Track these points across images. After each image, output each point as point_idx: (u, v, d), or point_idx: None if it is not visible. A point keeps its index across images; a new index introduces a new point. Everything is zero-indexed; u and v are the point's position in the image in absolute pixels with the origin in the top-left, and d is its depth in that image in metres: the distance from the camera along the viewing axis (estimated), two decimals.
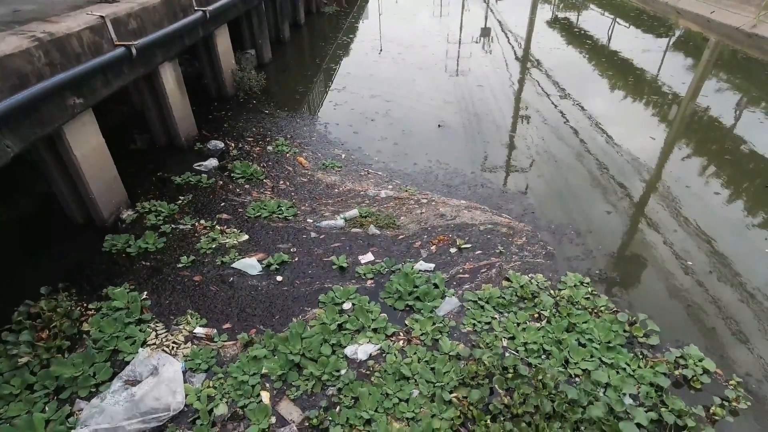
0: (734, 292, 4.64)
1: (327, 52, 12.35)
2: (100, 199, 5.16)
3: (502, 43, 14.00)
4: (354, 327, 4.08)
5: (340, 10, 17.41)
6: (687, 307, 4.47)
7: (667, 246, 5.31)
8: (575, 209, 5.96)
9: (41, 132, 4.10)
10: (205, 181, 6.23)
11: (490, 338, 3.97)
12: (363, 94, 9.75)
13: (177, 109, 6.79)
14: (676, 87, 10.30)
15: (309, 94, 9.71)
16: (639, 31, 15.33)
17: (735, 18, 13.89)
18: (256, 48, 10.52)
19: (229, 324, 4.18)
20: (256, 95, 9.08)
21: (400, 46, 13.22)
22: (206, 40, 8.06)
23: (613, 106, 9.43)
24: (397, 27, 15.72)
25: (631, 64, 11.93)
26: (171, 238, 5.20)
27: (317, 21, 15.79)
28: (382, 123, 8.41)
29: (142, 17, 5.58)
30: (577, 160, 7.22)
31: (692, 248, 5.26)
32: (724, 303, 4.50)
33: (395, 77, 10.74)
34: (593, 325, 4.04)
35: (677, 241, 5.37)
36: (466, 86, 10.22)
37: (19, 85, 3.77)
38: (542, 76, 11.00)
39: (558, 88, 10.14)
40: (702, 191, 6.43)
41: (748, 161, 7.24)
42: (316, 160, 7.03)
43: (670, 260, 5.09)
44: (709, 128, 8.45)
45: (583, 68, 11.77)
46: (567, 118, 8.70)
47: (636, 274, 4.92)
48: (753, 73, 11.37)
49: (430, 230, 5.40)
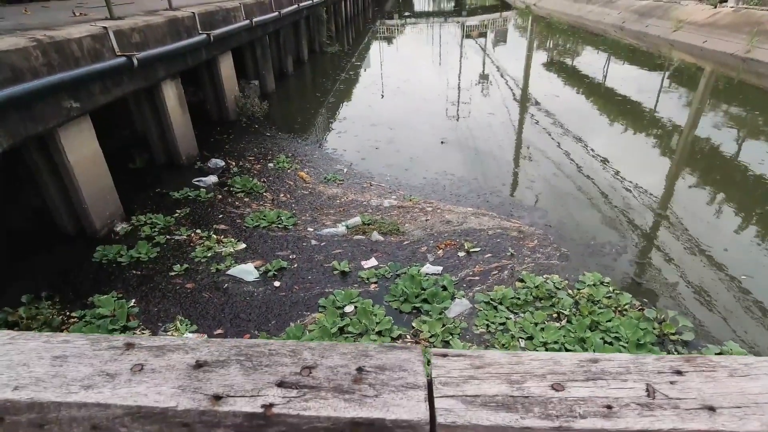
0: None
1: (329, 88, 12.59)
2: (92, 208, 4.99)
3: (501, 86, 13.73)
4: (357, 330, 3.75)
5: (342, 50, 18.06)
6: (720, 305, 4.12)
7: (688, 244, 5.01)
8: (589, 213, 5.72)
9: (32, 129, 3.99)
10: (203, 196, 6.08)
11: (505, 339, 3.62)
12: (365, 133, 9.40)
13: (178, 126, 6.77)
14: (674, 118, 10.02)
15: (311, 120, 9.77)
16: (633, 66, 15.26)
17: (728, 45, 14.22)
18: (259, 78, 10.75)
19: (221, 330, 3.86)
20: (259, 120, 9.14)
21: (403, 92, 12.77)
22: (210, 64, 8.21)
23: (613, 141, 9.29)
24: (399, 73, 15.23)
25: (627, 99, 11.68)
26: (165, 248, 4.97)
27: (320, 59, 16.32)
28: (386, 150, 8.20)
29: (146, 33, 5.66)
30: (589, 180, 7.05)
31: (714, 245, 4.96)
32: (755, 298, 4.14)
33: (398, 118, 10.33)
34: (618, 323, 3.69)
35: (694, 241, 5.08)
36: (466, 124, 10.07)
37: (12, 79, 3.71)
38: (541, 114, 11.06)
39: (558, 125, 10.09)
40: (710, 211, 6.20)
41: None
42: (318, 174, 6.90)
43: (693, 258, 4.78)
44: (707, 153, 8.34)
45: (580, 106, 11.45)
46: (569, 155, 8.64)
47: (661, 275, 4.59)
48: (750, 98, 11.43)
49: (436, 236, 5.15)
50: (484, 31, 25.73)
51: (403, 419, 0.56)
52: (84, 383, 0.59)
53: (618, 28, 21.05)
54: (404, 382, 0.61)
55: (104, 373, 0.60)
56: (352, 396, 0.59)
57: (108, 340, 0.65)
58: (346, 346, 0.67)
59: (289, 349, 0.66)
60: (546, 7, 31.27)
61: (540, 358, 0.65)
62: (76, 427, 0.58)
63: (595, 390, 0.60)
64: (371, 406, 0.58)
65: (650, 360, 0.65)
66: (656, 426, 0.55)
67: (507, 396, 0.59)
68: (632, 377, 0.62)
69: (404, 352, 0.66)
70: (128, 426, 0.57)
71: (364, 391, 0.60)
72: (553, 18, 27.65)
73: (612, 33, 20.75)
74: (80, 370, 0.61)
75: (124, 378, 0.60)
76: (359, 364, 0.64)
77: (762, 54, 12.99)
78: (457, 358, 0.65)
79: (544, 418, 0.57)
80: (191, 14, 6.76)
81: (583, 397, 0.59)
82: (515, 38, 23.87)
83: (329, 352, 0.66)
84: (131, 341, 0.65)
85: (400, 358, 0.65)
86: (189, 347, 0.65)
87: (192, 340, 0.66)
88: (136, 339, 0.66)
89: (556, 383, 0.61)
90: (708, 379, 0.61)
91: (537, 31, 25.58)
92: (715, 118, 10.03)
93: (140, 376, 0.61)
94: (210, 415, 0.56)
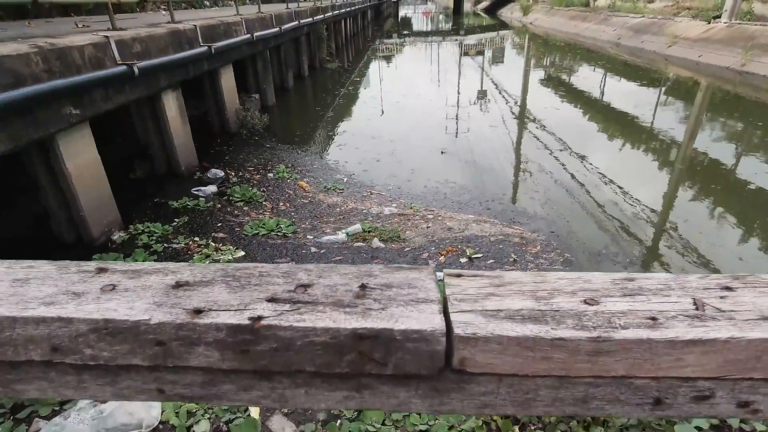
0: None
1: (329, 102, 12.69)
2: (90, 216, 4.94)
3: (499, 101, 13.77)
4: None
5: (342, 67, 18.30)
6: None
7: None
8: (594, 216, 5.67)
9: (33, 134, 3.98)
10: (202, 205, 6.03)
11: None
12: (366, 146, 9.30)
13: (178, 136, 6.78)
14: (672, 132, 9.93)
15: (311, 133, 9.81)
16: (630, 82, 15.38)
17: (723, 59, 14.40)
18: (260, 92, 10.84)
19: None
20: (259, 132, 9.17)
21: (403, 108, 12.80)
22: (211, 76, 8.28)
23: (611, 154, 9.23)
24: (398, 89, 15.25)
25: (624, 113, 11.68)
26: (162, 256, 4.89)
27: (320, 75, 16.51)
28: (387, 161, 8.15)
29: (147, 43, 5.71)
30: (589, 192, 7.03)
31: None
32: None
33: (398, 132, 10.26)
34: None
35: None
36: (465, 137, 10.03)
37: (13, 84, 3.71)
38: (539, 129, 11.12)
39: (557, 140, 10.03)
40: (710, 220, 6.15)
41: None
42: (318, 184, 6.88)
43: None
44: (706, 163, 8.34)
45: (578, 121, 11.43)
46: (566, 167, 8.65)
47: None
48: (747, 110, 11.51)
49: (438, 242, 5.08)
50: (481, 50, 26.13)
51: (414, 329, 0.49)
52: (45, 301, 0.52)
53: (614, 44, 21.37)
54: (414, 297, 0.54)
55: (69, 293, 0.53)
56: (354, 309, 0.52)
57: (78, 265, 0.59)
58: (347, 267, 0.60)
59: (282, 271, 0.59)
60: (543, 26, 31.86)
61: (567, 277, 0.58)
62: (33, 349, 0.50)
63: (635, 304, 0.53)
64: (377, 317, 0.51)
65: (693, 278, 0.58)
66: (711, 335, 0.48)
67: (534, 310, 0.52)
68: (675, 293, 0.55)
69: (413, 271, 0.59)
70: (93, 345, 0.50)
71: (368, 305, 0.53)
72: (550, 36, 28.13)
73: (608, 49, 21.06)
74: (42, 290, 0.54)
75: (92, 296, 0.53)
76: (362, 282, 0.56)
77: (757, 67, 13.14)
78: (473, 278, 0.58)
79: (580, 329, 0.49)
80: (193, 27, 6.84)
81: (621, 310, 0.52)
82: (512, 56, 24.23)
83: (328, 272, 0.59)
84: (104, 266, 0.59)
85: (408, 277, 0.57)
86: (169, 270, 0.58)
87: (173, 264, 0.59)
88: (111, 264, 0.60)
89: (589, 298, 0.54)
90: (761, 294, 0.54)
91: (534, 48, 26.00)
92: (716, 128, 10.08)
93: (111, 294, 0.53)
94: (188, 329, 0.49)
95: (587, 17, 26.59)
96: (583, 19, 26.72)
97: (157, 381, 0.53)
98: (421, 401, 0.54)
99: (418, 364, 0.51)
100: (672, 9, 21.54)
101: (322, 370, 0.52)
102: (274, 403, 0.54)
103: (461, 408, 0.54)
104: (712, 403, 0.52)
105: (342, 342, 0.50)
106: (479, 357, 0.50)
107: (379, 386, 0.54)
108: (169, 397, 0.54)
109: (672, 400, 0.52)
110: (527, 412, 0.53)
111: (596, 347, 0.49)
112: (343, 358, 0.51)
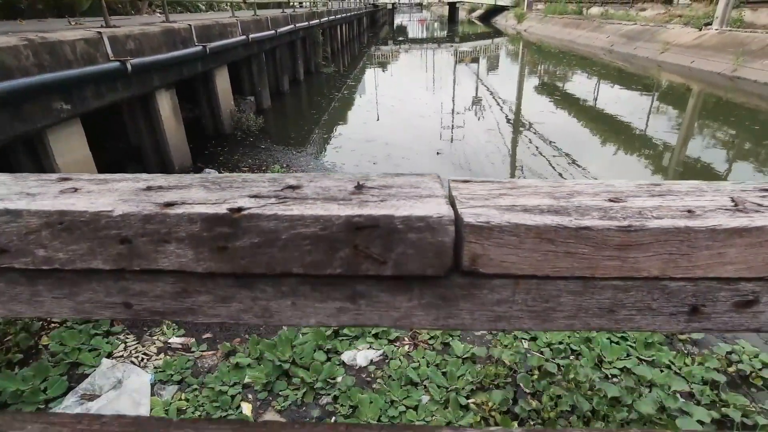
0: None
1: (325, 106, 12.67)
2: None
3: (493, 107, 13.83)
4: (352, 333, 3.58)
5: (338, 71, 18.34)
6: None
7: None
8: None
9: (21, 128, 3.90)
10: None
11: (508, 340, 3.46)
12: (362, 149, 9.24)
13: (171, 136, 6.71)
14: (665, 137, 9.96)
15: (307, 135, 9.77)
16: (623, 89, 15.30)
17: (715, 65, 14.57)
18: (255, 95, 10.80)
19: (210, 334, 3.68)
20: (254, 134, 9.12)
21: (398, 112, 12.71)
22: (206, 77, 8.24)
23: (604, 157, 9.31)
24: (394, 94, 15.25)
25: (617, 119, 11.66)
26: None
27: (316, 79, 16.51)
28: (384, 164, 8.14)
29: (141, 41, 5.67)
30: None
31: None
32: None
33: (394, 136, 10.23)
34: None
35: None
36: (461, 140, 10.20)
37: (0, 76, 3.64)
38: (532, 134, 11.17)
39: (548, 142, 10.16)
40: None
41: None
42: None
43: None
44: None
45: (571, 126, 11.35)
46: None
47: None
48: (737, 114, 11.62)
49: None
50: (476, 57, 26.31)
51: (418, 215, 0.42)
52: None
53: (607, 51, 21.60)
54: (418, 194, 0.47)
55: (24, 193, 0.47)
56: (349, 202, 0.45)
57: (39, 176, 0.53)
58: (342, 174, 0.54)
59: (268, 177, 0.52)
60: (537, 33, 32.19)
61: (587, 182, 0.52)
62: None
63: (666, 202, 0.47)
64: (375, 206, 0.44)
65: (727, 184, 0.52)
66: (758, 223, 0.42)
67: (554, 206, 0.45)
68: (709, 194, 0.49)
69: (413, 177, 0.53)
70: (47, 245, 0.44)
71: (366, 199, 0.46)
72: (544, 43, 28.41)
73: (601, 56, 21.27)
74: None
75: (50, 196, 0.46)
76: (358, 182, 0.50)
77: (748, 72, 13.30)
78: (483, 183, 0.51)
79: (608, 219, 0.43)
80: (188, 26, 6.81)
81: (653, 205, 0.46)
82: (507, 63, 24.41)
83: (320, 178, 0.52)
84: (68, 176, 0.53)
85: (409, 181, 0.51)
86: (141, 179, 0.52)
87: (146, 174, 0.53)
88: (75, 175, 0.54)
89: (614, 198, 0.47)
90: None
91: (528, 55, 26.22)
92: (708, 133, 10.15)
93: (71, 194, 0.47)
94: (157, 221, 0.42)
95: (581, 25, 26.89)
96: (576, 27, 27.01)
97: (123, 293, 0.47)
98: (425, 313, 0.48)
99: (422, 261, 0.44)
100: (664, 17, 21.85)
101: (311, 272, 0.45)
102: (257, 318, 0.48)
103: (471, 322, 0.48)
104: (755, 311, 0.46)
105: (335, 234, 0.43)
106: (493, 252, 0.43)
107: (377, 294, 0.47)
108: (138, 313, 0.48)
109: (710, 307, 0.46)
110: (546, 327, 0.47)
111: (627, 239, 0.42)
112: (335, 255, 0.44)
